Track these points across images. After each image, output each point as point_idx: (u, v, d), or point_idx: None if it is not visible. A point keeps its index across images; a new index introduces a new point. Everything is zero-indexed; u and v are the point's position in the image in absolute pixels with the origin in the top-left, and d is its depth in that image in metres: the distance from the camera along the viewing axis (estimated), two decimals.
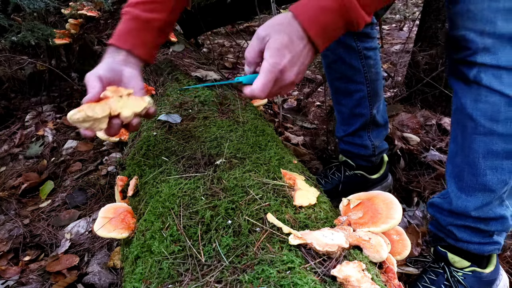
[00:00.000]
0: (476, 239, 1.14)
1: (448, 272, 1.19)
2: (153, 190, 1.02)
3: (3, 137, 2.30)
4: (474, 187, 1.09)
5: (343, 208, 0.94)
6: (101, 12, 2.33)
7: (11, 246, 1.52)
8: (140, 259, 0.84)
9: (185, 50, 1.97)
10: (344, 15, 0.82)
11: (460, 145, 1.11)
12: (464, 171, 1.11)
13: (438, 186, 1.73)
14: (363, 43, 1.45)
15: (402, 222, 1.56)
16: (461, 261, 1.18)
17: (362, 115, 1.54)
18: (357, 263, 0.72)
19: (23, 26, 1.91)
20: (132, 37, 1.07)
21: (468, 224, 1.13)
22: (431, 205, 1.27)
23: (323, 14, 0.82)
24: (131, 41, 1.06)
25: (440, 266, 1.21)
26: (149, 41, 1.09)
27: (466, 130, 1.07)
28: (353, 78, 1.49)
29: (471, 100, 1.03)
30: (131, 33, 1.07)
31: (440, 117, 2.23)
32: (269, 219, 0.82)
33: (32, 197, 1.82)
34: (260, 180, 0.94)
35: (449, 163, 1.19)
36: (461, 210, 1.12)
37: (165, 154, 1.13)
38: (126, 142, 1.39)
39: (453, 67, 1.07)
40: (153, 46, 1.12)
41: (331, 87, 1.59)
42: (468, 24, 0.96)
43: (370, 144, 1.59)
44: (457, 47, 1.01)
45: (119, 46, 1.06)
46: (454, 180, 1.16)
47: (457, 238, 1.16)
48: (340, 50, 1.44)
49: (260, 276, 0.69)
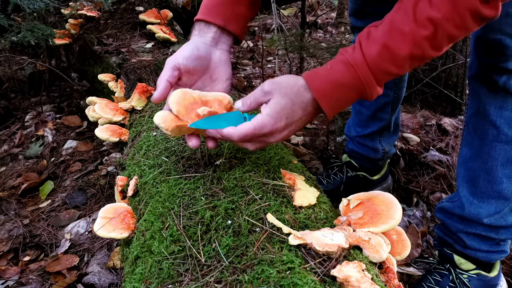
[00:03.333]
0: (485, 247, 1.14)
1: (454, 274, 1.18)
2: (153, 190, 1.02)
3: (3, 137, 2.30)
4: (488, 193, 1.09)
5: (343, 208, 0.94)
6: (101, 12, 2.33)
7: (11, 246, 1.52)
8: (140, 259, 0.84)
9: None
10: (360, 90, 0.80)
11: (477, 151, 1.09)
12: (480, 177, 1.10)
13: (437, 186, 1.73)
14: None
15: (402, 222, 1.56)
16: (467, 263, 1.18)
17: (382, 119, 1.53)
18: (357, 263, 0.72)
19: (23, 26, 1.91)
20: (224, 9, 0.92)
21: (479, 232, 1.12)
22: (440, 209, 1.25)
23: (339, 90, 0.80)
24: (224, 14, 0.92)
25: (446, 267, 1.21)
26: (242, 15, 0.96)
27: (487, 137, 1.05)
28: None
29: (496, 107, 1.01)
30: (223, 4, 0.92)
31: (440, 117, 2.23)
32: (269, 219, 0.82)
33: (32, 197, 1.82)
34: (260, 180, 0.94)
35: (462, 167, 1.17)
36: (473, 216, 1.11)
37: (165, 154, 1.13)
38: (126, 142, 1.39)
39: (480, 71, 1.04)
40: (245, 21, 0.98)
41: None
42: (506, 28, 0.92)
43: (380, 148, 1.59)
44: (490, 51, 0.98)
45: (209, 21, 0.92)
46: (466, 185, 1.14)
47: (466, 245, 1.15)
48: None
49: (260, 276, 0.69)
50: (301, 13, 3.05)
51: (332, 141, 2.03)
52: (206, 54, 0.92)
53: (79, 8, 2.25)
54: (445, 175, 1.77)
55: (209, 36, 0.92)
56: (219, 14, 0.92)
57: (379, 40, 0.77)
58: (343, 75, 0.79)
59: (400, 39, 0.76)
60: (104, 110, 1.47)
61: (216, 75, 0.93)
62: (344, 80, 0.79)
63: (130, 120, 1.49)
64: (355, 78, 0.78)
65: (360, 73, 0.78)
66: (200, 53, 0.91)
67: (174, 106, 0.85)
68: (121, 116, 1.48)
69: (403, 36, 0.75)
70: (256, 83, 2.99)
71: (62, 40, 2.14)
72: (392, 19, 0.78)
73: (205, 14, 0.92)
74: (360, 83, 0.79)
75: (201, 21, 0.93)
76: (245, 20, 0.98)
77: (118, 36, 2.09)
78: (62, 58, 2.69)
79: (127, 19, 2.22)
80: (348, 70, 0.78)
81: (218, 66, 0.93)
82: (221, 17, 0.92)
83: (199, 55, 0.91)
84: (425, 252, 1.45)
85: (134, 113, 1.50)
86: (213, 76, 0.93)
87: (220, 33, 0.93)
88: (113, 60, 1.89)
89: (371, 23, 0.82)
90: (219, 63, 0.93)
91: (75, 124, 2.35)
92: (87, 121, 2.30)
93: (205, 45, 0.92)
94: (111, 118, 1.46)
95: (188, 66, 0.90)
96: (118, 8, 2.36)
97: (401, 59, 0.77)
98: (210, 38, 0.92)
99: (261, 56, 2.63)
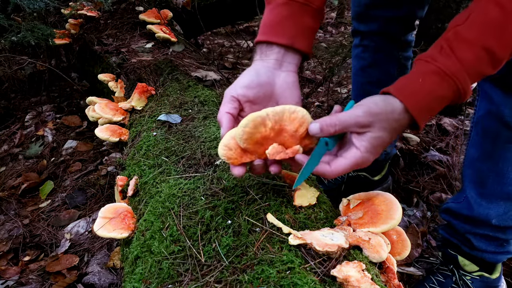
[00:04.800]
0: (492, 248, 1.14)
1: (457, 275, 1.18)
2: (153, 190, 1.02)
3: (3, 137, 2.30)
4: (497, 195, 1.08)
5: (343, 208, 0.94)
6: (101, 12, 2.33)
7: (11, 246, 1.52)
8: (140, 259, 0.84)
9: (185, 50, 1.97)
10: (455, 98, 0.73)
11: (487, 152, 1.08)
12: (489, 178, 1.09)
13: (437, 186, 1.73)
14: (404, 52, 1.42)
15: (402, 222, 1.56)
16: (471, 265, 1.18)
17: None
18: (357, 263, 0.72)
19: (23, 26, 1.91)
20: (290, 25, 0.82)
21: (487, 233, 1.12)
22: (446, 210, 1.24)
23: (435, 103, 0.73)
24: (290, 32, 0.82)
25: (449, 268, 1.21)
26: (309, 28, 0.85)
27: (499, 138, 1.04)
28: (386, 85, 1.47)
29: (510, 109, 0.99)
30: (287, 20, 0.82)
31: (440, 117, 2.23)
32: (269, 219, 0.82)
33: (32, 197, 1.82)
34: (260, 180, 0.94)
35: (469, 168, 1.16)
36: (483, 217, 1.11)
37: (165, 154, 1.13)
38: (126, 142, 1.39)
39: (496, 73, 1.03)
40: (313, 34, 0.88)
41: (359, 90, 1.55)
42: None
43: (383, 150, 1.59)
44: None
45: (273, 42, 0.82)
46: (474, 186, 1.13)
47: (473, 246, 1.15)
48: (380, 55, 1.41)
49: (260, 276, 0.69)
50: None
51: None
52: (269, 79, 0.83)
53: (79, 8, 2.25)
54: (445, 175, 1.77)
55: (271, 59, 0.83)
56: (284, 31, 0.82)
57: (475, 42, 0.69)
58: (441, 88, 0.71)
59: (500, 36, 0.67)
60: (104, 110, 1.48)
61: (283, 101, 0.83)
62: (442, 92, 0.72)
63: (130, 120, 1.49)
64: (453, 89, 0.71)
65: (458, 83, 0.70)
66: (261, 79, 0.82)
67: (243, 142, 0.77)
68: (121, 116, 1.48)
69: (503, 33, 0.67)
70: None
71: (62, 40, 2.14)
72: (485, 14, 0.69)
73: (267, 34, 0.82)
74: (458, 91, 0.72)
75: (263, 43, 0.84)
76: (313, 34, 0.87)
77: (118, 36, 2.09)
78: (62, 58, 2.69)
79: (127, 19, 2.22)
80: (445, 81, 0.71)
81: (284, 90, 0.83)
82: (286, 35, 0.82)
83: (259, 82, 0.82)
84: (425, 252, 1.45)
85: (134, 113, 1.50)
86: (279, 102, 0.83)
87: (284, 52, 0.83)
88: (113, 60, 1.89)
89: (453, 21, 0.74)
90: (284, 87, 0.83)
91: (75, 124, 2.35)
92: (87, 121, 2.30)
93: (267, 69, 0.83)
94: (111, 118, 1.46)
95: (247, 95, 0.82)
96: (118, 8, 2.36)
97: (502, 59, 0.70)
98: (273, 61, 0.83)
99: None
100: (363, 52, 1.45)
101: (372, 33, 1.40)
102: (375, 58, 1.43)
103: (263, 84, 0.82)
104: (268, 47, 0.83)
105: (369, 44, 1.43)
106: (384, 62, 1.43)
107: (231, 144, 0.78)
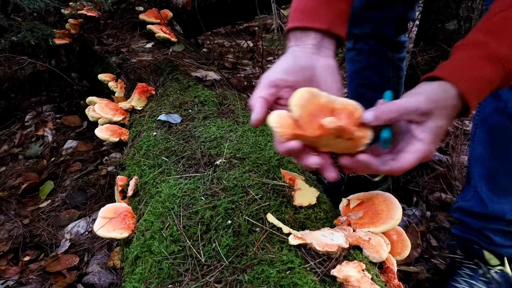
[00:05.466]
0: (509, 243, 1.16)
1: (485, 268, 1.20)
2: (153, 190, 1.02)
3: (3, 137, 2.30)
4: (509, 189, 1.10)
5: (343, 208, 0.94)
6: (101, 12, 2.33)
7: (11, 246, 1.52)
8: (140, 259, 0.84)
9: (185, 50, 1.97)
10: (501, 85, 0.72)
11: (496, 148, 1.09)
12: (499, 174, 1.10)
13: (437, 186, 1.73)
14: (398, 53, 1.42)
15: (402, 222, 1.56)
16: (494, 259, 1.19)
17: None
18: (357, 263, 0.72)
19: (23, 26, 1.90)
20: (326, 10, 0.78)
21: (502, 228, 1.14)
22: (458, 209, 1.25)
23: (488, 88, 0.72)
24: (326, 16, 0.78)
25: (475, 262, 1.22)
26: (343, 12, 0.82)
27: (508, 134, 1.05)
28: (381, 87, 1.44)
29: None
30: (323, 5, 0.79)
31: None
32: (269, 219, 0.82)
33: (32, 197, 1.82)
34: (260, 180, 0.94)
35: (478, 165, 1.17)
36: (497, 213, 1.12)
37: (165, 154, 1.13)
38: (126, 142, 1.39)
39: None
40: (347, 19, 0.84)
41: (354, 92, 1.55)
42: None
43: None
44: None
45: (309, 27, 0.78)
46: (485, 183, 1.14)
47: (492, 241, 1.17)
48: (375, 58, 1.41)
49: (260, 276, 0.69)
50: None
51: None
52: (308, 63, 0.78)
53: (79, 8, 2.24)
54: (444, 175, 1.77)
55: (309, 43, 0.79)
56: (320, 16, 0.78)
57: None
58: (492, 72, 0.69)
59: None
60: (104, 110, 1.48)
61: (324, 86, 0.77)
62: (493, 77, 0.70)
63: (130, 120, 1.49)
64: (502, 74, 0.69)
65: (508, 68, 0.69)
66: (301, 63, 0.77)
67: (297, 109, 0.70)
68: (121, 116, 1.48)
69: None
70: (256, 83, 2.99)
71: (62, 40, 2.14)
72: None
73: (302, 20, 0.78)
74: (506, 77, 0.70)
75: (296, 29, 0.79)
76: (347, 18, 0.83)
77: (118, 36, 2.09)
78: (62, 58, 2.69)
79: (127, 19, 2.22)
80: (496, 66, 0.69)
81: (325, 75, 0.78)
82: (323, 20, 0.78)
83: (300, 66, 0.77)
84: (425, 252, 1.45)
85: (134, 113, 1.50)
86: (321, 87, 0.77)
87: (321, 38, 0.79)
88: (113, 60, 1.89)
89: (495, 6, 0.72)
90: (325, 72, 0.78)
91: (75, 124, 2.35)
92: (87, 121, 2.30)
93: (305, 54, 0.78)
94: (111, 118, 1.46)
95: (288, 79, 0.77)
96: (118, 8, 2.36)
97: None
98: (311, 45, 0.78)
99: (261, 56, 2.63)
100: (357, 55, 1.46)
101: (366, 35, 1.40)
102: (369, 61, 1.43)
103: (304, 69, 0.77)
104: (303, 33, 0.79)
105: (363, 48, 1.44)
106: (379, 65, 1.43)
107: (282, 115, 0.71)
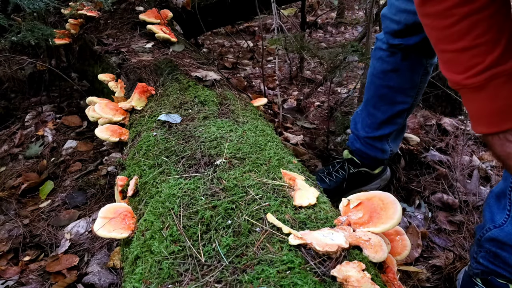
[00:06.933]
0: None
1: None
2: (153, 190, 1.02)
3: (3, 137, 2.30)
4: None
5: (343, 208, 0.94)
6: (101, 12, 2.33)
7: (11, 246, 1.52)
8: (140, 259, 0.84)
9: (185, 50, 1.97)
10: None
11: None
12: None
13: (438, 186, 1.73)
14: (431, 59, 1.40)
15: (402, 222, 1.56)
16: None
17: (396, 123, 1.52)
18: (357, 263, 0.72)
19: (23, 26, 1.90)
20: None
21: None
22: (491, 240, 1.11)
23: None
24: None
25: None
26: None
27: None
28: (405, 91, 1.44)
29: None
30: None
31: (440, 117, 2.23)
32: (269, 219, 0.82)
33: (32, 197, 1.82)
34: (260, 180, 0.94)
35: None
36: None
37: (165, 154, 1.13)
38: (126, 142, 1.39)
39: None
40: None
41: (375, 92, 1.51)
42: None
43: (388, 149, 1.59)
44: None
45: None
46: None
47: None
48: (407, 63, 1.38)
49: (260, 276, 0.69)
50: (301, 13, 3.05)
51: (332, 141, 2.03)
52: None
53: (79, 8, 2.24)
54: (445, 175, 1.77)
55: None
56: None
57: None
58: None
59: None
60: (104, 110, 1.47)
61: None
62: None
63: (130, 120, 1.49)
64: None
65: None
66: None
67: None
68: (121, 116, 1.48)
69: None
70: (256, 83, 2.99)
71: (62, 40, 2.14)
72: None
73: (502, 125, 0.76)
74: None
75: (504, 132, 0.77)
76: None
77: (118, 36, 2.09)
78: (62, 58, 2.69)
79: (127, 19, 2.22)
80: None
81: None
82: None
83: None
84: (425, 252, 1.45)
85: (134, 113, 1.50)
86: None
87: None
88: (113, 60, 1.89)
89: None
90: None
91: (75, 124, 2.35)
92: (87, 121, 2.30)
93: None
94: (111, 118, 1.46)
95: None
96: (118, 8, 2.36)
97: None
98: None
99: (261, 56, 2.63)
100: (389, 56, 1.41)
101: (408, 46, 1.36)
102: (400, 65, 1.39)
103: None
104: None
105: (397, 52, 1.40)
106: (409, 70, 1.40)
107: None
